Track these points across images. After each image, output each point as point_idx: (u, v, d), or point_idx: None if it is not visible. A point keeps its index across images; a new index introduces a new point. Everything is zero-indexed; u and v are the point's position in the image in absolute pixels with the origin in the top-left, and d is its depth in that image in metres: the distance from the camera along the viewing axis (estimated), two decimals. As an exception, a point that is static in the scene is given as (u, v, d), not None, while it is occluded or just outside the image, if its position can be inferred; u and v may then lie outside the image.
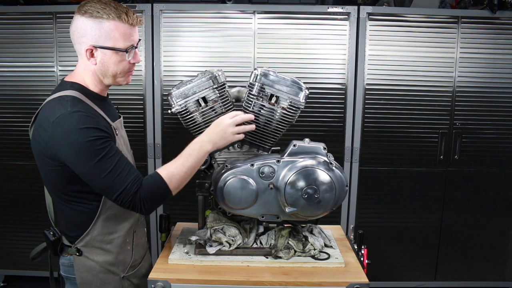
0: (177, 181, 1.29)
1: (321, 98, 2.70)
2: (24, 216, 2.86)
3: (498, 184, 2.82)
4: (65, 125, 1.21)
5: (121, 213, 1.40)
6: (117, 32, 1.27)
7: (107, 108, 1.41)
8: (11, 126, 2.77)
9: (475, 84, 2.71)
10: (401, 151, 2.76)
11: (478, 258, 2.91)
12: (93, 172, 1.23)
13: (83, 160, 1.22)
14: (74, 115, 1.22)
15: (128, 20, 1.28)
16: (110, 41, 1.27)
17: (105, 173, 1.22)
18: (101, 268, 1.39)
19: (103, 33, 1.27)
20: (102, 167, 1.22)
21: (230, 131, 1.39)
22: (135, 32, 1.32)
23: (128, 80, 1.39)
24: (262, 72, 1.45)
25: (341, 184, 1.40)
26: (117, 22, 1.27)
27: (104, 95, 1.42)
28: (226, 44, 2.66)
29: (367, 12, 2.62)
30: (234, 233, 1.51)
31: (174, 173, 1.29)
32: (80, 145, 1.20)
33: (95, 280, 1.39)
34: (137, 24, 1.32)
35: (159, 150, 2.74)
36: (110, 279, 1.40)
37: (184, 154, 1.34)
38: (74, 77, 1.35)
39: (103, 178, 1.23)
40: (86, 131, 1.21)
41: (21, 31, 2.68)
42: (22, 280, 3.05)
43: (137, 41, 1.34)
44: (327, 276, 1.39)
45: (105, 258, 1.39)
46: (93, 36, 1.27)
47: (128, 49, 1.30)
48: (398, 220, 2.85)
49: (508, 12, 2.65)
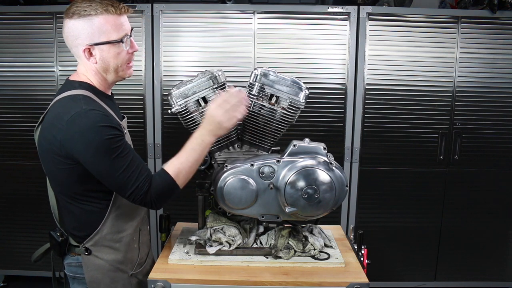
0: (183, 176, 1.33)
1: (321, 98, 2.70)
2: (24, 216, 2.86)
3: (498, 184, 2.82)
4: (82, 124, 1.22)
5: (130, 211, 1.42)
6: (108, 25, 1.28)
7: (114, 107, 1.42)
8: (11, 126, 2.77)
9: (475, 84, 2.71)
10: (401, 151, 2.76)
11: (478, 258, 2.91)
12: (109, 170, 1.24)
13: (99, 158, 1.23)
14: (90, 113, 1.23)
15: (115, 11, 1.28)
16: (103, 35, 1.28)
17: (120, 171, 1.24)
18: (110, 266, 1.40)
19: (95, 29, 1.27)
20: (117, 165, 1.24)
21: (226, 117, 1.34)
22: (125, 21, 1.33)
23: (130, 72, 1.39)
24: (262, 72, 1.45)
25: (341, 184, 1.40)
26: (105, 16, 1.27)
27: (109, 93, 1.43)
28: (226, 44, 2.66)
29: (367, 12, 2.62)
30: (234, 233, 1.51)
31: (180, 169, 1.32)
32: (98, 143, 1.21)
33: (104, 278, 1.40)
34: (125, 12, 1.32)
35: (159, 150, 2.74)
36: (119, 277, 1.42)
37: (187, 149, 1.35)
38: (79, 77, 1.36)
39: (118, 176, 1.25)
40: (103, 129, 1.22)
41: (21, 31, 2.68)
42: (22, 280, 3.05)
43: (130, 30, 1.34)
44: (327, 276, 1.39)
45: (115, 257, 1.40)
46: (87, 35, 1.27)
47: (123, 39, 1.31)
48: (398, 220, 2.85)
49: (508, 12, 2.64)
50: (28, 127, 2.74)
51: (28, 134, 2.73)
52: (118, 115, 1.41)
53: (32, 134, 1.42)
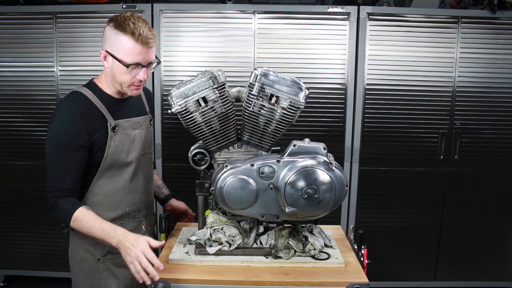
0: (77, 227, 1.44)
1: (321, 98, 2.70)
2: (24, 216, 2.87)
3: (498, 184, 2.82)
4: (52, 116, 1.46)
5: (108, 202, 1.55)
6: (128, 47, 1.39)
7: (123, 108, 1.55)
8: (11, 126, 2.77)
9: (475, 84, 2.71)
10: (401, 151, 2.76)
11: (478, 258, 2.91)
12: (46, 162, 1.46)
13: (45, 149, 1.46)
14: (61, 111, 1.45)
15: (140, 39, 1.38)
16: (119, 52, 1.40)
17: (48, 169, 1.46)
18: (81, 245, 1.56)
19: (117, 43, 1.40)
20: (50, 163, 1.46)
21: (131, 255, 1.34)
22: (146, 53, 1.42)
23: (134, 93, 1.51)
24: (262, 72, 1.45)
25: (341, 184, 1.40)
26: (129, 38, 1.38)
27: (119, 96, 1.55)
28: (226, 44, 2.66)
29: (367, 12, 2.62)
30: (234, 233, 1.51)
31: (80, 223, 1.43)
32: (48, 135, 1.46)
33: (76, 256, 1.58)
34: (148, 45, 1.40)
35: (159, 150, 2.74)
36: (88, 258, 1.57)
37: (102, 225, 1.42)
38: (98, 77, 1.55)
39: (48, 172, 1.46)
40: (56, 128, 1.43)
41: (21, 31, 2.68)
42: (22, 280, 3.05)
43: (147, 62, 1.44)
44: (327, 276, 1.39)
45: (87, 239, 1.51)
46: (110, 43, 1.42)
47: (131, 65, 1.40)
48: (398, 220, 2.85)
49: (508, 12, 2.65)
50: (28, 127, 2.74)
51: (28, 134, 2.73)
52: (124, 115, 1.54)
53: (32, 134, 1.47)
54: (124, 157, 1.55)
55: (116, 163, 1.54)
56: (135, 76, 1.44)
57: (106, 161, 1.51)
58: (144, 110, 1.68)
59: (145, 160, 1.66)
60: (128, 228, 1.54)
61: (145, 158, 1.65)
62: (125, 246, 1.36)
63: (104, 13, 2.63)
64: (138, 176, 1.62)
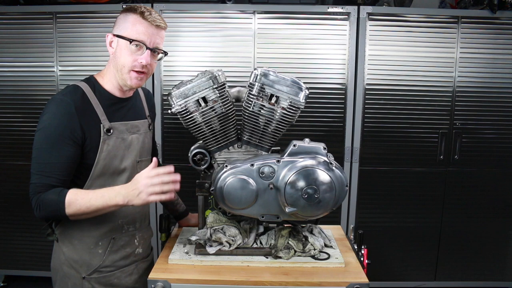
0: (75, 210, 1.30)
1: (321, 98, 2.70)
2: (24, 216, 2.86)
3: (498, 184, 2.82)
4: (45, 107, 1.35)
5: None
6: (133, 22, 1.36)
7: (122, 109, 1.47)
8: (11, 126, 2.77)
9: (475, 84, 2.71)
10: (401, 151, 2.76)
11: (478, 258, 2.91)
12: (33, 157, 1.34)
13: (35, 139, 1.34)
14: (54, 102, 1.34)
15: (148, 18, 1.35)
16: (124, 30, 1.37)
17: (34, 163, 1.33)
18: (65, 261, 1.45)
19: (124, 23, 1.37)
20: (37, 158, 1.33)
21: (145, 191, 1.28)
22: (152, 33, 1.38)
23: (133, 82, 1.41)
24: (262, 72, 1.45)
25: (341, 184, 1.40)
26: (137, 16, 1.36)
27: (119, 94, 1.46)
28: (226, 44, 2.66)
29: (367, 12, 2.62)
30: (234, 233, 1.51)
31: (76, 204, 1.30)
32: (39, 126, 1.34)
33: (59, 270, 1.47)
34: (154, 24, 1.37)
35: (159, 150, 2.74)
36: (71, 274, 1.45)
37: (98, 192, 1.32)
38: (99, 73, 1.47)
39: (33, 168, 1.33)
40: (48, 119, 1.32)
41: (21, 31, 2.68)
42: (22, 280, 3.05)
43: (152, 43, 1.38)
44: (327, 276, 1.39)
45: (70, 254, 1.44)
46: (117, 26, 1.39)
47: (134, 41, 1.35)
48: (398, 220, 2.85)
49: (508, 12, 2.65)
50: (28, 127, 2.74)
51: (28, 134, 2.74)
52: (121, 118, 1.45)
53: (32, 134, 1.45)
54: (118, 163, 1.45)
55: (108, 169, 1.42)
56: (137, 59, 1.37)
57: (97, 166, 1.39)
58: (144, 114, 1.59)
59: (141, 168, 1.48)
60: (119, 243, 1.49)
61: (141, 166, 1.52)
62: (131, 194, 1.28)
63: (104, 13, 2.64)
64: None
